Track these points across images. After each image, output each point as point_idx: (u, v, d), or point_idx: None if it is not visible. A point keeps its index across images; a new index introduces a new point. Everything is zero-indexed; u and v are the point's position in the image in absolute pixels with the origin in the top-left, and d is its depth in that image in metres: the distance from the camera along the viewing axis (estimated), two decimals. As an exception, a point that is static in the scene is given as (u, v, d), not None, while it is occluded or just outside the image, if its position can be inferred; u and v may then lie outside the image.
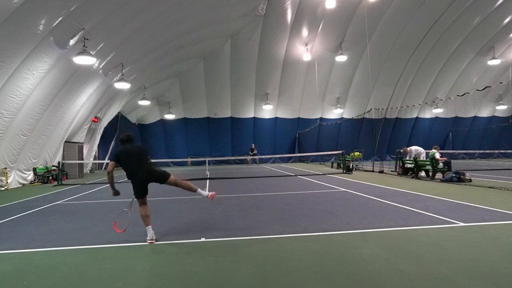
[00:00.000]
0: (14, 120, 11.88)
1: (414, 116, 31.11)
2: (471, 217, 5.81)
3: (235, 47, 22.92)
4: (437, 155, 12.51)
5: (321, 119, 29.38)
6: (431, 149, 13.17)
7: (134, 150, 5.11)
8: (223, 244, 4.67)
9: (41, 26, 9.86)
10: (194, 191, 5.19)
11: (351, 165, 17.16)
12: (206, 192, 5.19)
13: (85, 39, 11.46)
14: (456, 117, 31.73)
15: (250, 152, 27.92)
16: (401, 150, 15.59)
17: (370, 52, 22.38)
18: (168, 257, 4.17)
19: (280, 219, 6.08)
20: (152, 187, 5.17)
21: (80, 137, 18.99)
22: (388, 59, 24.96)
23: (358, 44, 23.29)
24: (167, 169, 5.49)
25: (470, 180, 11.12)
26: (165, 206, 8.00)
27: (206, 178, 15.08)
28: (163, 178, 5.13)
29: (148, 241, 4.74)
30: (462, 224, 5.38)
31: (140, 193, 5.04)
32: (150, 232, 4.80)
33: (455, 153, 28.40)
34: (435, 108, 30.03)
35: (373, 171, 16.94)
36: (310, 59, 23.72)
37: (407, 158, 14.44)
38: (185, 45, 19.49)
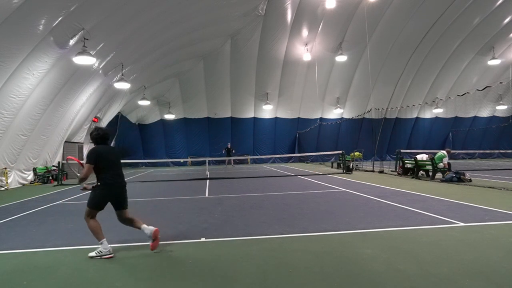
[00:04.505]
0: (14, 120, 11.88)
1: (414, 116, 31.12)
2: (471, 217, 5.81)
3: (235, 47, 22.92)
4: (445, 160, 12.26)
5: (321, 119, 29.39)
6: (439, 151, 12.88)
7: (113, 153, 4.50)
8: (223, 244, 4.67)
9: (41, 26, 9.86)
10: (138, 228, 4.44)
11: (351, 165, 17.16)
12: (150, 228, 4.36)
13: (85, 39, 11.46)
14: (456, 117, 31.74)
15: (226, 151, 25.98)
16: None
17: (370, 52, 22.37)
18: (168, 257, 4.17)
19: (280, 219, 6.08)
20: (153, 186, 5.15)
21: (80, 137, 19.00)
22: (388, 59, 24.96)
23: (358, 44, 23.28)
24: (167, 169, 5.47)
25: (470, 180, 11.11)
26: (165, 206, 8.00)
27: (206, 178, 15.08)
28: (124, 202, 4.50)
29: (108, 256, 4.16)
30: (462, 224, 5.37)
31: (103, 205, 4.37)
32: (107, 245, 4.21)
33: (455, 153, 28.39)
34: (435, 108, 30.04)
35: (373, 171, 16.93)
36: (310, 59, 23.72)
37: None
38: (185, 45, 19.49)
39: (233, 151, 26.59)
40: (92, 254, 4.19)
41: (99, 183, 4.34)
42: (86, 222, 4.36)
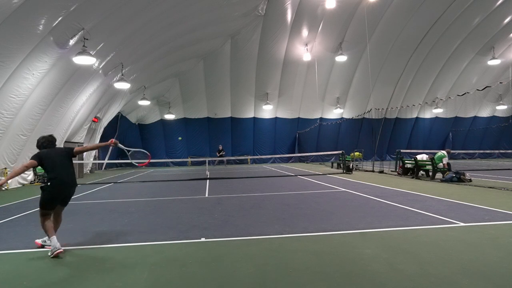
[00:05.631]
0: (14, 120, 11.88)
1: (414, 116, 31.13)
2: (471, 217, 5.81)
3: (235, 47, 22.92)
4: (445, 160, 12.32)
5: (321, 119, 29.40)
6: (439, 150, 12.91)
7: (59, 154, 4.74)
8: (223, 244, 4.67)
9: (41, 26, 9.86)
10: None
11: (351, 165, 17.15)
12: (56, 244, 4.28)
13: (85, 39, 11.46)
14: (456, 117, 31.75)
15: (217, 153, 26.49)
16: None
17: (370, 52, 22.38)
18: (168, 257, 4.16)
19: (280, 219, 6.08)
20: (153, 186, 5.14)
21: (80, 137, 18.99)
22: (388, 59, 24.97)
23: (358, 44, 23.29)
24: (167, 169, 5.46)
25: (470, 180, 11.12)
26: (165, 206, 8.00)
27: (206, 178, 15.08)
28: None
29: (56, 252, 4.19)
30: (462, 224, 5.37)
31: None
32: (55, 241, 4.27)
33: (455, 153, 28.40)
34: (435, 108, 30.06)
35: (373, 171, 16.93)
36: (310, 59, 23.74)
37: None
38: (185, 45, 19.49)
39: (223, 152, 26.58)
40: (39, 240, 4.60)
41: (48, 183, 4.60)
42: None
